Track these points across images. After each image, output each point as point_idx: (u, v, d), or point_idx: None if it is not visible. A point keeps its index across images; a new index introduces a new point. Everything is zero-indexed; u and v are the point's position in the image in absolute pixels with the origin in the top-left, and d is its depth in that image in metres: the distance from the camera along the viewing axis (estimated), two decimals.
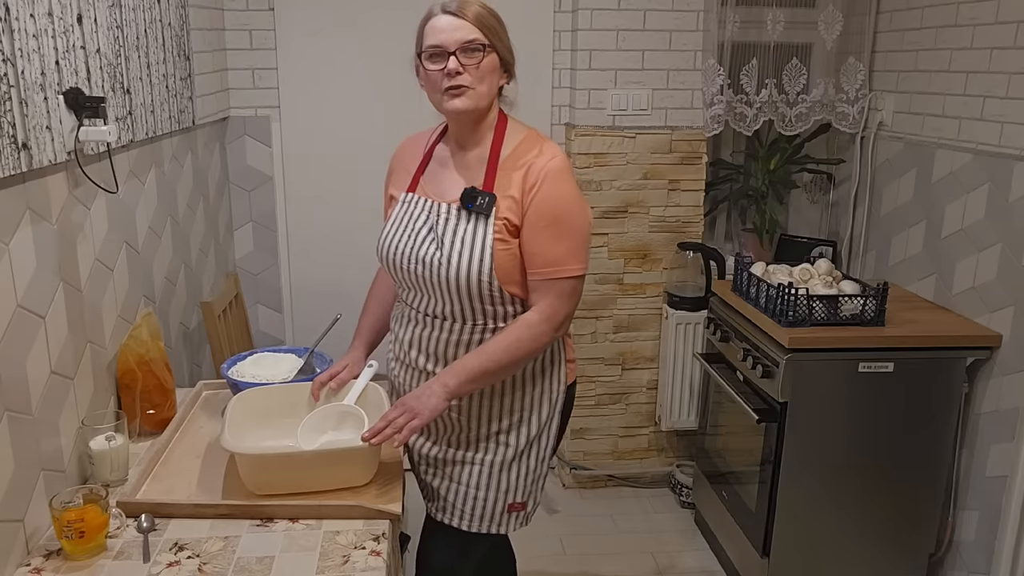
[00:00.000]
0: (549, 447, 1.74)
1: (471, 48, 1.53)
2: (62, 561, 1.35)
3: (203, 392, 2.02)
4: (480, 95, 1.56)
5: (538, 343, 1.58)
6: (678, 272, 3.06)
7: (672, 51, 2.91)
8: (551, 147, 1.60)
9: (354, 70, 3.00)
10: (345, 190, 3.09)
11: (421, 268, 1.59)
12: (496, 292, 1.57)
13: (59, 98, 1.49)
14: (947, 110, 2.54)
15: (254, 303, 3.16)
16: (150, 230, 2.09)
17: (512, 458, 1.69)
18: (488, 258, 1.54)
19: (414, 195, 1.67)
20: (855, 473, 2.37)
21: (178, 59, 2.30)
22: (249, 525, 1.46)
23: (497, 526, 1.73)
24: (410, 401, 1.54)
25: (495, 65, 1.58)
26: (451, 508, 1.73)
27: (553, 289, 1.56)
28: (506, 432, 1.68)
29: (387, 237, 1.67)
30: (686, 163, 3.01)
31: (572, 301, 1.60)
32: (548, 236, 1.55)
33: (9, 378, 1.31)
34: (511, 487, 1.71)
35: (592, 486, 3.25)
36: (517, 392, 1.67)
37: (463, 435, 1.70)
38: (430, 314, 1.65)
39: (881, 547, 2.44)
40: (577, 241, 1.57)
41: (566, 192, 1.56)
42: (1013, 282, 2.24)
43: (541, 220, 1.54)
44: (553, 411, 1.71)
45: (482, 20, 1.55)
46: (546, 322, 1.57)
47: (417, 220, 1.63)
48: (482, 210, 1.55)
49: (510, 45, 1.61)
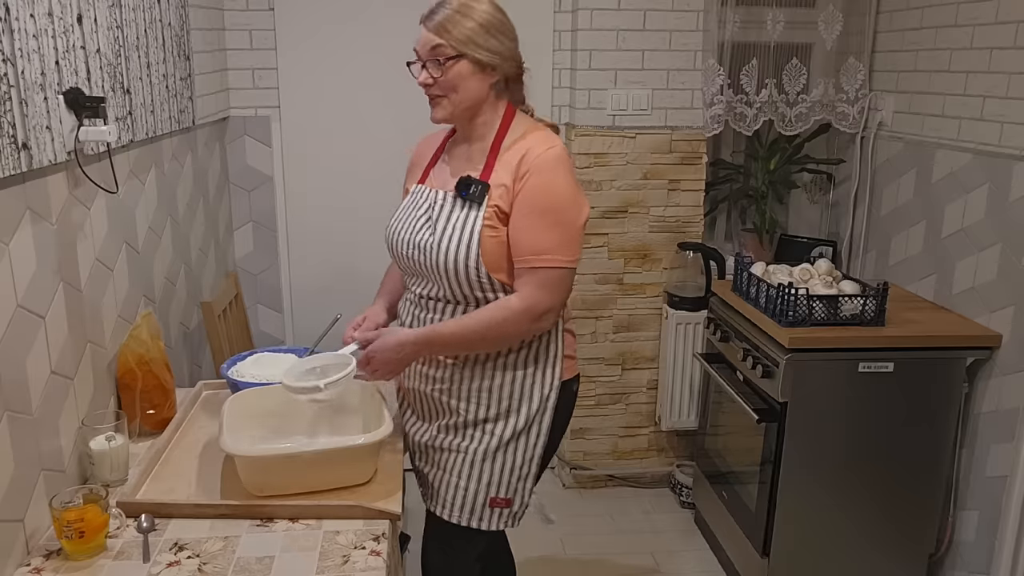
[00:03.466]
0: (539, 445, 1.72)
1: (435, 59, 1.57)
2: (62, 561, 1.35)
3: (203, 392, 2.02)
4: (454, 103, 1.60)
5: (515, 328, 1.60)
6: (678, 272, 3.06)
7: (672, 51, 2.91)
8: (550, 139, 1.61)
9: (354, 70, 3.00)
10: (345, 189, 3.09)
11: (417, 253, 1.65)
12: (484, 279, 1.59)
13: (59, 98, 1.49)
14: (947, 110, 2.54)
15: (254, 303, 3.16)
16: (150, 230, 2.09)
17: (496, 448, 1.70)
18: (475, 244, 1.57)
19: (423, 187, 1.73)
20: (855, 473, 2.37)
21: (178, 59, 2.30)
22: (249, 525, 1.46)
23: (479, 520, 1.73)
24: (379, 357, 1.62)
25: (467, 71, 1.58)
26: (438, 498, 1.77)
27: (535, 277, 1.57)
28: (493, 420, 1.69)
29: (392, 224, 1.74)
30: (686, 163, 3.01)
31: (556, 293, 1.59)
32: (534, 224, 1.56)
33: (9, 378, 1.31)
34: (493, 480, 1.71)
35: (592, 486, 3.25)
36: (507, 378, 1.67)
37: (451, 420, 1.72)
38: (429, 297, 1.69)
39: (881, 547, 2.44)
40: (566, 233, 1.57)
41: (558, 182, 1.57)
42: (1013, 282, 2.24)
43: (528, 207, 1.56)
44: (544, 405, 1.70)
45: (447, 27, 1.55)
46: (526, 311, 1.57)
47: (419, 208, 1.69)
48: (474, 198, 1.59)
49: (493, 45, 1.58)
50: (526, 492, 1.75)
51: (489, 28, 1.58)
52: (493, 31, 1.58)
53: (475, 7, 1.58)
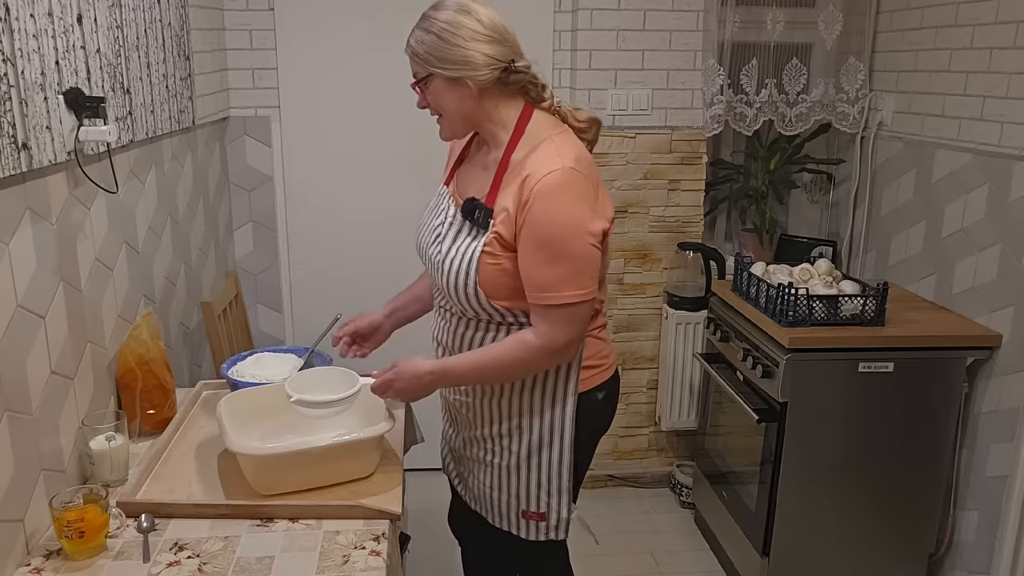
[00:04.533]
0: (564, 460, 1.65)
1: (416, 82, 1.56)
2: (62, 561, 1.35)
3: (203, 392, 2.02)
4: (450, 120, 1.57)
5: (534, 366, 1.56)
6: (678, 272, 3.06)
7: (672, 51, 2.91)
8: (560, 155, 1.48)
9: (354, 70, 3.00)
10: (345, 190, 3.09)
11: (430, 263, 1.65)
12: (484, 303, 1.55)
13: (59, 98, 1.48)
14: (947, 110, 2.54)
15: (254, 303, 3.16)
16: (150, 230, 2.09)
17: (516, 465, 1.67)
18: (474, 271, 1.53)
19: (447, 188, 1.70)
20: (855, 473, 2.37)
21: (178, 59, 2.30)
22: (249, 525, 1.46)
23: (516, 528, 1.72)
24: (397, 384, 1.58)
25: (442, 89, 1.52)
26: (476, 499, 1.79)
27: (549, 315, 1.50)
28: (507, 436, 1.67)
29: (420, 225, 1.72)
30: (686, 163, 3.01)
31: (571, 327, 1.51)
32: (538, 260, 1.47)
33: (9, 378, 1.31)
34: (521, 494, 1.68)
35: (592, 486, 3.25)
36: (515, 396, 1.63)
37: (472, 432, 1.73)
38: (443, 308, 1.69)
39: (881, 547, 2.44)
40: (572, 266, 1.47)
41: (557, 211, 1.45)
42: (1013, 282, 2.24)
43: (532, 243, 1.47)
44: (563, 419, 1.63)
45: (414, 47, 1.52)
46: (543, 348, 1.51)
47: (437, 217, 1.67)
48: (479, 223, 1.54)
49: (456, 55, 1.47)
50: (562, 507, 1.68)
51: (448, 39, 1.47)
52: (454, 40, 1.47)
53: (435, 18, 1.49)
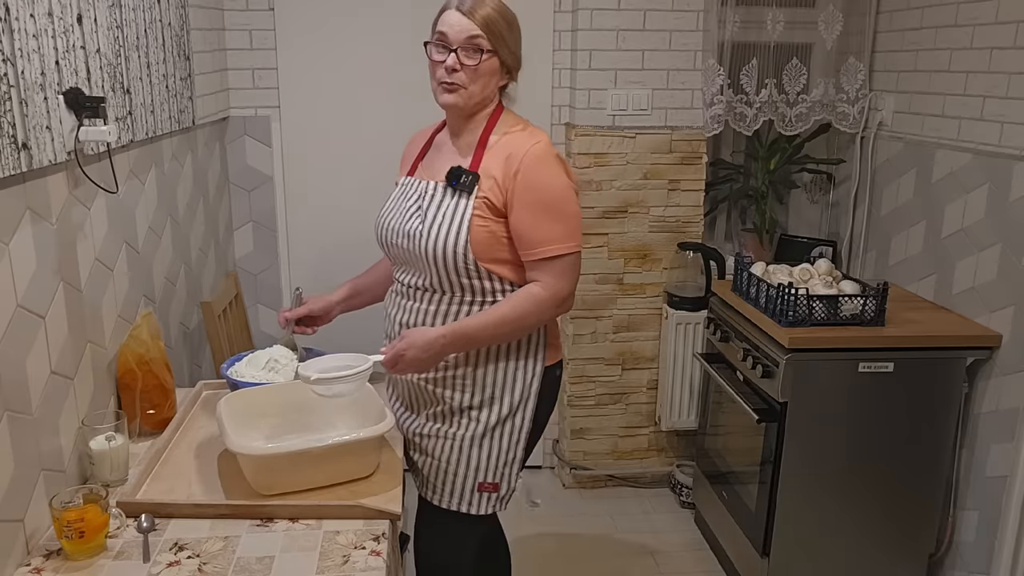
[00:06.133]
0: (524, 430, 1.77)
1: (472, 49, 1.61)
2: (62, 561, 1.35)
3: (203, 392, 2.01)
4: (471, 95, 1.66)
5: (541, 318, 1.68)
6: (678, 272, 3.06)
7: (672, 51, 2.91)
8: (535, 134, 1.68)
9: (354, 69, 3.00)
10: (345, 189, 3.09)
11: (406, 241, 1.69)
12: (472, 266, 1.65)
13: (59, 98, 1.48)
14: (947, 110, 2.54)
15: (254, 303, 3.16)
16: (150, 230, 2.09)
17: (482, 434, 1.75)
18: (465, 232, 1.62)
19: (411, 178, 1.78)
20: (855, 473, 2.37)
21: (178, 59, 2.30)
22: (249, 525, 1.46)
23: (468, 505, 1.79)
24: (410, 354, 1.62)
25: (494, 69, 1.66)
26: (428, 483, 1.83)
27: (553, 267, 1.65)
28: (478, 408, 1.74)
29: (381, 215, 1.80)
30: (686, 163, 3.01)
31: (571, 278, 1.68)
32: (538, 218, 1.63)
33: (9, 378, 1.31)
34: (480, 465, 1.76)
35: (592, 486, 3.25)
36: (490, 367, 1.73)
37: (438, 408, 1.77)
38: (416, 287, 1.73)
39: (881, 547, 2.44)
40: (569, 222, 1.65)
41: (549, 176, 1.64)
42: (1013, 282, 2.24)
43: (528, 204, 1.62)
44: (528, 392, 1.75)
45: (490, 24, 1.61)
46: (551, 299, 1.65)
47: (409, 199, 1.74)
48: (465, 187, 1.65)
49: (517, 49, 1.68)
50: (512, 476, 1.81)
51: (516, 31, 1.67)
52: (518, 35, 1.67)
53: (505, 9, 1.66)
